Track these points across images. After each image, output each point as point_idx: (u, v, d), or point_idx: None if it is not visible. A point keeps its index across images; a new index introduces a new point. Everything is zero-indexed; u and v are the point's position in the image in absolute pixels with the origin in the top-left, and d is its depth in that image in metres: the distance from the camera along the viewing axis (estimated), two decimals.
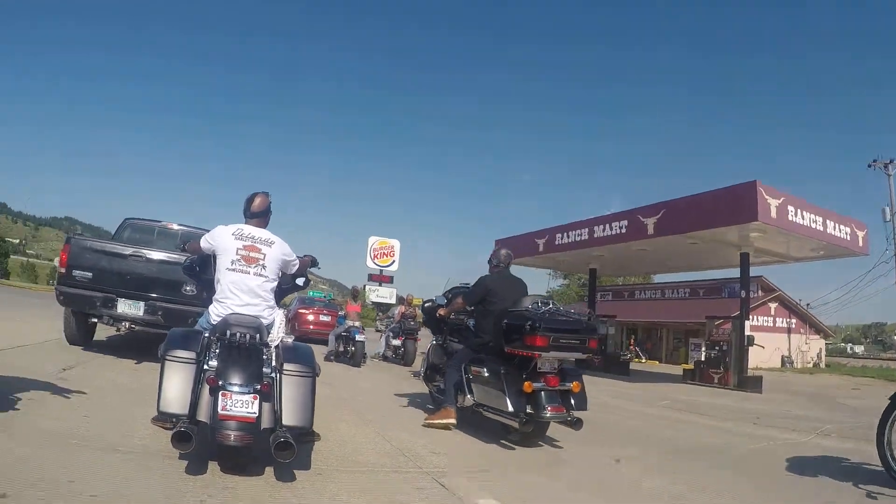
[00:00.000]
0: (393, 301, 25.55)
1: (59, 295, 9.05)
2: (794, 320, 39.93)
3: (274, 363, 4.20)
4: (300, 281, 5.37)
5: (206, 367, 3.98)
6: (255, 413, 3.80)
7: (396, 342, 16.80)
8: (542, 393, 6.12)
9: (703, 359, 19.62)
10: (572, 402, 6.31)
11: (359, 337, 14.56)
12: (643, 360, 35.41)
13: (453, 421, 6.87)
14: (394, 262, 27.25)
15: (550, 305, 6.73)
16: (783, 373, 30.96)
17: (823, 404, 14.21)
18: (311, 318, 21.15)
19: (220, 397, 3.76)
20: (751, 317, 20.09)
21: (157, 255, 9.23)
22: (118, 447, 4.33)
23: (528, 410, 6.06)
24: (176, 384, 3.93)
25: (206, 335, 4.29)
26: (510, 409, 6.05)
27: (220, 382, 3.79)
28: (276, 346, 4.46)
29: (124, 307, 8.93)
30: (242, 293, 4.50)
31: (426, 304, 8.97)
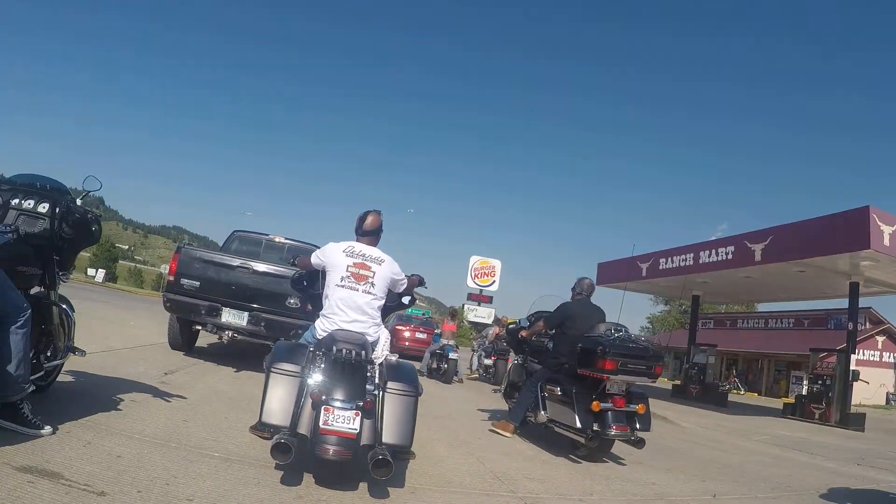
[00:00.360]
0: (490, 321, 25.28)
1: (166, 302, 9.33)
2: None
3: (377, 380, 4.18)
4: (406, 300, 5.38)
5: (309, 380, 3.98)
6: (356, 429, 3.79)
7: (488, 361, 17.03)
8: (609, 413, 6.63)
9: (804, 392, 18.77)
10: (637, 423, 6.83)
11: (452, 355, 14.96)
12: (742, 392, 34.34)
13: (509, 435, 7.54)
14: (494, 281, 27.07)
15: (622, 332, 7.21)
16: (888, 410, 29.52)
17: None
18: (407, 334, 21.78)
19: (322, 412, 3.78)
20: (857, 350, 19.19)
21: (263, 267, 9.37)
22: (215, 453, 4.38)
23: (595, 428, 6.55)
24: (279, 396, 3.97)
25: (311, 349, 4.32)
26: (578, 425, 6.60)
27: (324, 397, 3.81)
28: (381, 364, 4.44)
29: (228, 316, 9.10)
30: (350, 310, 4.52)
31: (510, 326, 9.41)
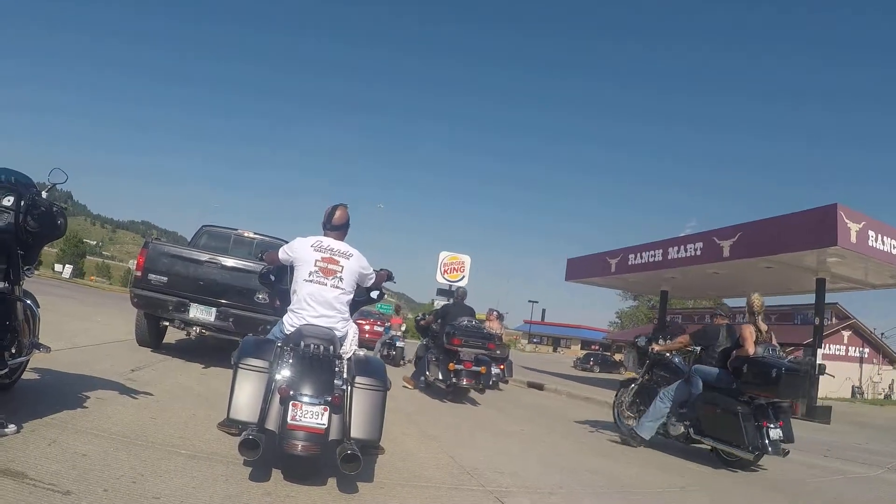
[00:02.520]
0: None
1: (133, 297, 9.21)
2: (866, 349, 38.65)
3: (346, 375, 4.14)
4: (374, 294, 5.36)
5: (277, 376, 3.95)
6: (324, 424, 3.77)
7: None
8: (462, 371, 10.46)
9: None
10: (481, 378, 10.67)
11: (399, 343, 18.72)
12: None
13: (411, 387, 11.65)
14: (464, 277, 27.03)
15: (474, 323, 11.35)
16: (852, 403, 30.05)
17: (894, 438, 13.74)
18: (367, 328, 23.69)
19: (290, 407, 3.75)
20: (823, 345, 19.47)
21: (231, 262, 9.30)
22: (182, 450, 4.35)
23: (453, 380, 10.44)
24: (247, 392, 3.93)
25: (279, 344, 4.29)
26: (441, 378, 10.71)
27: (291, 392, 3.78)
28: (349, 359, 4.40)
29: (196, 312, 9.01)
30: (319, 305, 4.51)
31: (417, 318, 13.68)
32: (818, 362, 16.80)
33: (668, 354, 8.50)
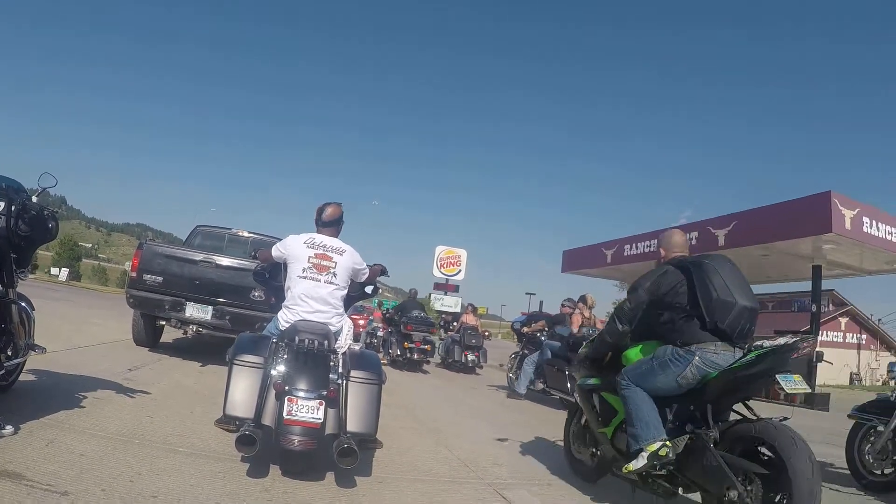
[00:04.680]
0: (458, 310, 25.52)
1: (129, 298, 9.20)
2: (864, 336, 38.67)
3: (341, 370, 4.17)
4: (369, 289, 5.38)
5: (273, 372, 3.97)
6: (319, 419, 3.80)
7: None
8: (414, 348, 14.80)
9: None
10: (427, 354, 15.27)
11: (379, 333, 20.35)
12: None
13: (385, 362, 12.89)
14: (460, 270, 27.08)
15: (422, 314, 15.71)
16: (851, 390, 30.00)
17: None
18: (361, 322, 24.20)
19: (286, 402, 3.78)
20: (821, 332, 19.42)
21: (226, 261, 9.33)
22: (180, 448, 4.36)
23: (407, 355, 14.76)
24: (243, 388, 3.96)
25: (274, 340, 4.30)
26: (399, 353, 14.92)
27: (287, 387, 3.81)
28: (344, 353, 4.44)
29: (192, 311, 9.03)
30: (313, 301, 4.53)
31: (384, 312, 18.69)
32: (816, 349, 16.80)
33: (536, 334, 12.15)
